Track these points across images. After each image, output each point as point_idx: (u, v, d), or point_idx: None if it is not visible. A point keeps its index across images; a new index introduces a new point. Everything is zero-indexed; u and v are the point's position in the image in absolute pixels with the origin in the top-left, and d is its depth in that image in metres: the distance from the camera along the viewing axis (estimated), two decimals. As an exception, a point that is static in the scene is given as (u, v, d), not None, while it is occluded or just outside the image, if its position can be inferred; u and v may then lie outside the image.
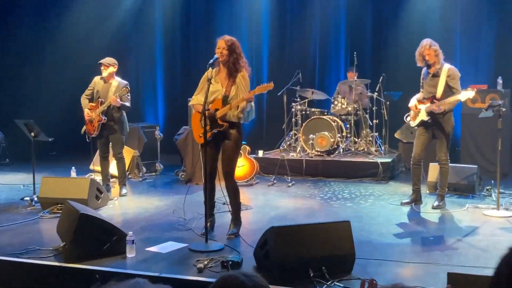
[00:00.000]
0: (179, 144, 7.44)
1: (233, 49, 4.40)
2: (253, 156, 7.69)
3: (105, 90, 6.30)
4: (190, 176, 7.31)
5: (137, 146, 7.96)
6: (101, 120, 6.20)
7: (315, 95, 8.58)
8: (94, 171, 7.45)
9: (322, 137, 7.94)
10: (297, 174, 7.65)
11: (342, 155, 7.96)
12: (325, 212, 5.57)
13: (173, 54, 10.96)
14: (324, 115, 8.41)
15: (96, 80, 6.41)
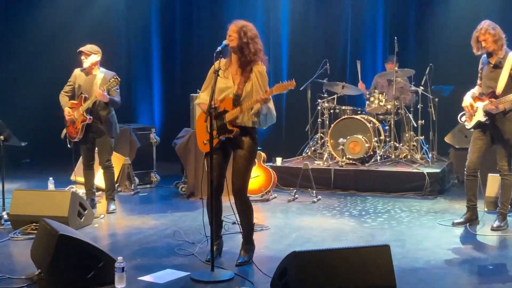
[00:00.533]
0: (179, 150, 7.47)
1: (245, 32, 4.40)
2: (269, 165, 7.69)
3: (89, 83, 6.36)
4: (192, 189, 7.34)
5: (128, 152, 8.02)
6: (85, 120, 6.25)
7: (346, 89, 8.57)
8: (76, 182, 7.51)
9: (354, 142, 7.91)
10: (323, 187, 7.65)
11: (380, 163, 7.93)
12: (358, 234, 5.54)
13: (172, 42, 11.06)
14: (358, 114, 8.40)
15: (76, 73, 6.47)
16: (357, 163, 7.93)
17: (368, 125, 7.98)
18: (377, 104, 8.25)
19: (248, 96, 4.42)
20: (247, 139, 4.47)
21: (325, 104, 8.51)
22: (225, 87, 4.46)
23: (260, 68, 4.46)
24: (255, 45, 4.45)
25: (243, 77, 4.44)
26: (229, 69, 4.51)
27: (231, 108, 4.41)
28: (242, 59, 4.44)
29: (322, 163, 8.05)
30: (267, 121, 4.48)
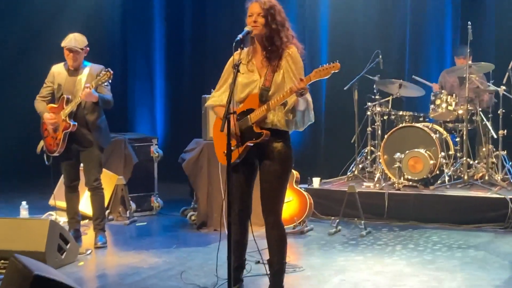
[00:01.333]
0: (187, 167, 7.48)
1: (273, 16, 4.42)
2: (304, 187, 7.65)
3: (71, 82, 6.41)
4: (204, 217, 7.34)
5: (122, 170, 8.06)
6: (68, 127, 6.29)
7: (404, 89, 8.53)
8: (56, 208, 7.55)
9: (415, 158, 7.85)
10: (375, 217, 7.61)
11: (449, 186, 7.85)
12: (421, 278, 5.48)
13: (180, 29, 11.12)
14: (419, 122, 8.32)
15: (55, 71, 6.53)
16: (419, 186, 7.86)
17: (433, 136, 7.92)
18: (444, 108, 8.19)
19: (279, 89, 4.41)
20: (279, 146, 4.45)
21: (376, 109, 8.47)
22: (249, 82, 4.47)
23: (292, 50, 4.46)
24: (287, 32, 4.48)
25: (271, 66, 4.46)
26: (253, 61, 4.54)
27: (257, 105, 4.41)
28: (271, 49, 4.45)
29: (372, 186, 8.00)
30: (305, 119, 4.46)
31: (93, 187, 6.55)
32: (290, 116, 4.41)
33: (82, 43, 6.38)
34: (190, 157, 7.48)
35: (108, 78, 6.20)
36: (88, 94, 6.15)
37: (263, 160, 4.48)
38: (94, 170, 6.50)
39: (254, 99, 4.44)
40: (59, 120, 6.32)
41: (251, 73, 4.49)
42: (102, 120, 6.48)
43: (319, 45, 10.15)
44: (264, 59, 4.48)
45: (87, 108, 6.36)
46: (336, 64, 4.20)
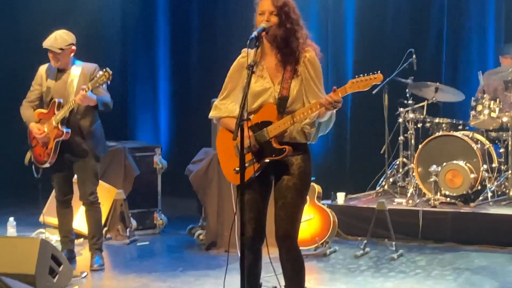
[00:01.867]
0: (195, 180, 7.50)
1: (287, 14, 4.42)
2: (327, 204, 7.66)
3: (61, 83, 6.44)
4: (214, 237, 7.36)
5: (122, 183, 8.08)
6: (60, 135, 6.32)
7: (441, 93, 8.51)
8: (46, 225, 7.60)
9: (454, 171, 7.83)
10: (407, 237, 7.60)
11: (492, 203, 7.83)
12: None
13: (186, 27, 11.14)
14: (458, 130, 8.31)
15: (42, 72, 6.57)
16: (458, 203, 7.84)
17: (474, 147, 7.90)
18: (487, 115, 8.14)
19: (297, 98, 4.41)
20: (299, 159, 4.46)
21: (409, 115, 8.46)
22: (261, 90, 4.45)
23: (310, 54, 4.46)
24: (302, 31, 4.48)
25: (287, 72, 4.44)
26: (263, 64, 4.51)
27: (275, 117, 4.39)
28: (285, 51, 4.45)
29: (405, 202, 7.98)
30: (320, 130, 4.50)
31: (88, 202, 6.57)
32: (309, 128, 4.43)
33: (63, 42, 6.34)
34: (198, 169, 7.50)
35: (106, 79, 6.18)
36: (85, 98, 6.15)
37: (280, 176, 4.48)
38: (89, 183, 6.52)
39: (270, 110, 4.41)
40: (50, 128, 6.35)
41: (262, 80, 4.46)
42: (97, 126, 6.52)
43: (343, 43, 10.13)
44: (279, 63, 4.46)
45: (80, 112, 6.38)
46: (378, 76, 4.19)
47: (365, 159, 9.55)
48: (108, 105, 6.41)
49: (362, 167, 9.56)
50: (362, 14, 10.03)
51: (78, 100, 6.16)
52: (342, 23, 10.18)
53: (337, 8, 10.14)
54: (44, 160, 6.43)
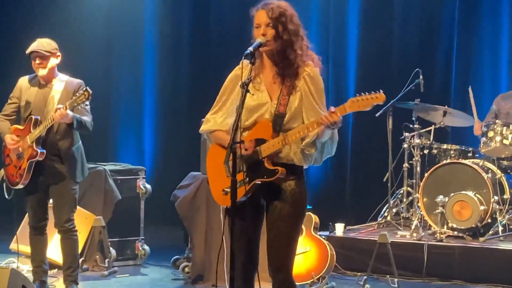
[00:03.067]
0: (182, 206, 7.48)
1: (284, 25, 4.40)
2: (324, 235, 7.64)
3: (41, 98, 6.43)
4: (201, 269, 7.32)
5: (101, 209, 8.05)
6: (35, 155, 6.29)
7: (449, 118, 8.54)
8: (18, 254, 7.54)
9: (462, 202, 7.82)
10: (411, 273, 7.58)
11: (503, 238, 7.82)
12: None
13: (176, 37, 11.17)
14: (468, 158, 8.32)
15: (22, 84, 6.56)
16: (466, 236, 7.82)
17: (484, 176, 7.90)
18: (499, 142, 8.15)
19: (295, 115, 4.40)
20: (293, 185, 4.43)
21: (415, 140, 8.47)
22: (257, 105, 4.43)
23: (311, 69, 4.45)
24: (301, 42, 4.46)
25: (285, 87, 4.43)
26: (261, 77, 4.51)
27: (270, 135, 4.37)
28: (284, 64, 4.44)
29: (409, 235, 7.97)
30: (324, 152, 4.46)
31: (64, 229, 6.53)
32: (310, 149, 4.39)
33: (49, 46, 6.38)
34: (185, 195, 7.48)
35: (85, 99, 6.11)
36: (62, 116, 6.10)
37: (272, 201, 4.45)
38: (66, 208, 6.48)
39: (265, 127, 4.40)
40: (24, 145, 6.33)
41: (258, 94, 4.45)
42: (77, 148, 6.49)
43: (345, 61, 10.19)
44: (276, 77, 4.46)
45: (59, 132, 6.35)
46: (380, 95, 4.15)
47: (366, 187, 9.58)
48: (86, 125, 6.36)
49: (363, 196, 9.58)
50: (366, 30, 10.10)
51: (57, 117, 6.12)
52: (344, 38, 10.25)
53: (339, 25, 10.21)
54: (16, 181, 6.39)
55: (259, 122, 4.43)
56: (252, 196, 4.42)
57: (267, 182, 4.37)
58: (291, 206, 4.42)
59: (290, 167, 4.39)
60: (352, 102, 4.18)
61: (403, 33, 9.98)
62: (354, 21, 10.16)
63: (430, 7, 9.90)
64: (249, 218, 4.48)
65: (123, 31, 11.13)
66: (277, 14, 4.39)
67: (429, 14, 9.91)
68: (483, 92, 9.64)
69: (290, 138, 4.31)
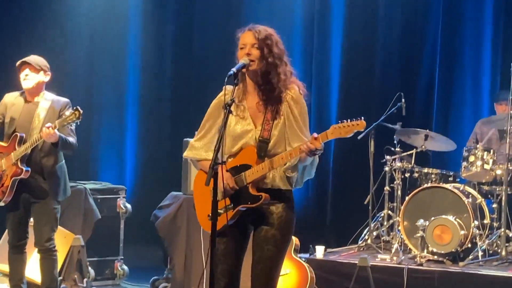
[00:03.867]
0: (162, 227, 7.48)
1: (270, 47, 4.45)
2: (304, 258, 7.64)
3: (27, 115, 6.42)
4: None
5: (81, 228, 8.03)
6: (19, 173, 6.28)
7: (431, 142, 8.57)
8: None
9: (443, 227, 7.83)
10: (391, 297, 7.56)
11: (482, 263, 7.81)
12: None
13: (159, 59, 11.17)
14: (449, 182, 8.34)
15: (7, 100, 6.55)
16: (446, 261, 7.82)
17: (464, 201, 7.91)
18: (480, 167, 8.18)
19: (280, 141, 4.42)
20: (280, 209, 4.44)
21: (396, 164, 8.48)
22: (242, 132, 4.47)
23: (295, 93, 4.47)
24: (284, 68, 4.49)
25: (268, 112, 4.45)
26: (245, 104, 4.53)
27: (254, 161, 4.40)
28: (266, 88, 4.46)
29: (389, 258, 7.95)
30: (305, 175, 4.49)
31: (44, 249, 6.50)
32: (291, 172, 4.40)
33: (42, 62, 6.41)
34: (165, 215, 7.48)
35: (76, 118, 6.13)
36: (49, 135, 6.08)
37: (259, 225, 4.46)
38: (47, 228, 6.46)
39: (250, 153, 4.42)
40: (8, 163, 6.30)
41: (243, 121, 4.48)
42: (60, 166, 6.48)
43: (328, 84, 10.20)
44: (260, 102, 4.48)
45: (44, 150, 6.35)
46: (361, 122, 4.22)
47: (347, 210, 9.57)
48: (71, 146, 6.36)
49: (344, 218, 9.57)
50: (349, 53, 10.12)
51: (44, 136, 6.10)
52: (327, 62, 10.27)
53: (322, 46, 10.23)
54: (-1, 198, 6.38)
55: (244, 148, 4.45)
56: (239, 221, 4.45)
57: (256, 208, 4.39)
58: (277, 229, 4.43)
59: (276, 192, 4.42)
60: (334, 129, 4.23)
61: (385, 57, 10.02)
62: (337, 45, 10.19)
63: (413, 31, 9.96)
64: (234, 242, 4.51)
65: (105, 51, 11.07)
66: (264, 36, 4.44)
67: (411, 39, 9.96)
68: (464, 117, 9.70)
69: (276, 163, 4.33)
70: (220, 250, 4.37)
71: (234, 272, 4.51)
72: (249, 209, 4.41)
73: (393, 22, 10.01)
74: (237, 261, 4.53)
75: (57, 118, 6.26)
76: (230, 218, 4.37)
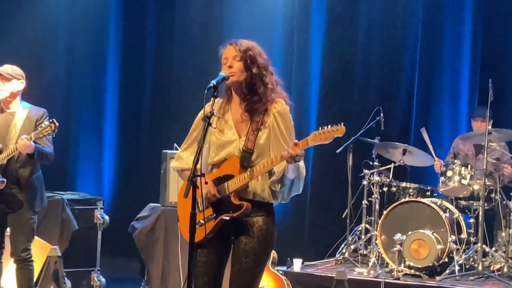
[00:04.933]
0: (139, 238, 7.46)
1: (253, 58, 4.46)
2: (282, 271, 7.63)
3: (4, 126, 6.38)
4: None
5: (58, 238, 7.99)
6: (-5, 184, 6.26)
7: (409, 156, 8.60)
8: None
9: (420, 241, 7.85)
10: (368, 311, 7.57)
11: (459, 278, 7.83)
12: None
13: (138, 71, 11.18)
14: (426, 196, 8.38)
15: None
16: (423, 275, 7.83)
17: (442, 215, 7.94)
18: (457, 182, 8.22)
19: (263, 151, 4.41)
20: (261, 221, 4.44)
21: (375, 178, 8.52)
22: (226, 142, 4.47)
23: (282, 107, 4.48)
24: (271, 77, 4.51)
25: (253, 122, 4.45)
26: (230, 114, 4.54)
27: (237, 171, 4.39)
28: (253, 99, 4.47)
29: (366, 272, 7.96)
30: (292, 190, 4.46)
31: (21, 259, 6.45)
32: (277, 185, 4.39)
33: (12, 71, 6.33)
34: (143, 226, 7.46)
35: (52, 131, 6.11)
36: (25, 146, 6.06)
37: (239, 236, 4.44)
38: (23, 238, 6.41)
39: (233, 163, 4.42)
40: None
41: (228, 131, 4.48)
42: (37, 177, 6.44)
43: (307, 99, 10.21)
44: (245, 113, 4.47)
45: (20, 161, 6.31)
46: (340, 128, 4.24)
47: (325, 223, 9.58)
48: (47, 156, 6.33)
49: (322, 232, 9.57)
50: (329, 67, 10.13)
51: (20, 147, 6.07)
52: (307, 75, 10.27)
53: (301, 63, 10.24)
54: (-26, 209, 6.33)
55: (228, 159, 4.45)
56: (220, 232, 4.44)
57: (237, 219, 4.39)
58: (257, 243, 4.42)
59: (257, 203, 4.41)
60: (314, 136, 4.24)
61: (364, 72, 10.03)
62: (317, 60, 10.20)
63: (392, 47, 9.98)
64: (215, 253, 4.50)
65: (84, 60, 11.08)
66: (245, 48, 4.45)
67: (391, 54, 9.98)
68: (442, 132, 9.74)
69: (255, 171, 4.32)
70: (201, 262, 4.37)
71: (215, 284, 4.50)
72: (231, 220, 4.39)
73: (372, 37, 10.04)
74: (218, 273, 4.52)
75: (34, 128, 6.22)
76: (212, 228, 4.38)
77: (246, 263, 4.41)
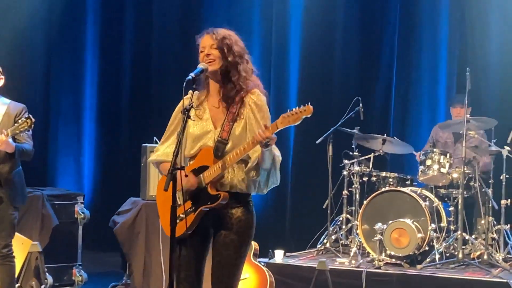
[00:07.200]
0: (121, 232, 7.44)
1: (229, 46, 4.47)
2: (263, 262, 7.65)
3: (-18, 123, 6.38)
4: (139, 297, 7.29)
5: (38, 234, 7.96)
6: (-26, 181, 6.23)
7: (388, 146, 8.64)
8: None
9: (400, 230, 7.88)
10: (350, 301, 7.59)
11: (440, 266, 7.89)
12: None
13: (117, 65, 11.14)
14: (406, 186, 8.42)
15: None
16: (404, 264, 7.87)
17: (422, 204, 7.98)
18: (436, 171, 8.25)
19: (239, 142, 4.40)
20: (239, 213, 4.44)
21: (355, 168, 8.54)
22: (202, 133, 4.47)
23: (258, 97, 4.49)
24: (245, 65, 4.52)
25: (229, 113, 4.46)
26: (206, 105, 4.55)
27: (211, 162, 4.39)
28: (227, 88, 4.48)
29: (347, 262, 8.00)
30: (269, 181, 4.47)
31: (2, 255, 6.43)
32: (253, 175, 4.40)
33: None
34: (124, 221, 7.45)
35: (28, 126, 6.09)
36: (4, 144, 6.05)
37: (219, 229, 4.45)
38: (4, 234, 6.39)
39: (207, 154, 4.42)
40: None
41: (203, 122, 4.49)
42: (17, 173, 6.41)
43: (286, 90, 10.23)
44: (221, 103, 4.49)
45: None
46: (308, 107, 4.22)
47: (306, 214, 9.60)
48: (28, 153, 6.33)
49: (303, 222, 9.60)
50: (308, 58, 10.16)
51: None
52: (286, 65, 10.30)
53: (281, 50, 10.26)
54: (-47, 206, 6.31)
55: (203, 149, 4.45)
56: (199, 225, 4.44)
57: (216, 211, 4.39)
58: (236, 234, 4.43)
59: (235, 195, 4.41)
60: (283, 118, 4.23)
61: (343, 62, 10.07)
62: (296, 51, 10.23)
63: (370, 37, 10.03)
64: (195, 247, 4.50)
65: (62, 55, 11.05)
66: (222, 36, 4.46)
67: (369, 45, 10.03)
68: (421, 121, 9.78)
69: (228, 160, 4.32)
70: (182, 255, 4.38)
71: (196, 277, 4.51)
72: (210, 213, 4.40)
73: (351, 28, 10.07)
74: (199, 267, 4.52)
75: (12, 123, 6.20)
76: (192, 221, 4.37)
77: (227, 256, 4.43)
